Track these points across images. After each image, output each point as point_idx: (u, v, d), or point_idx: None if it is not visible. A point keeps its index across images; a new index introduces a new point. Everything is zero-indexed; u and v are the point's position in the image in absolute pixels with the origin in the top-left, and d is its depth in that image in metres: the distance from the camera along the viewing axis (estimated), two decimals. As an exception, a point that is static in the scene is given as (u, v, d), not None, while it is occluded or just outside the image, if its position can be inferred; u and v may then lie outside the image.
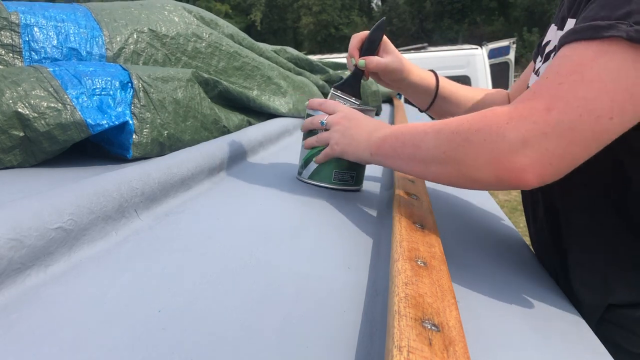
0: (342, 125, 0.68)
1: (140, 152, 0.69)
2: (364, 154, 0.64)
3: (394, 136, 0.60)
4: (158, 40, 0.89)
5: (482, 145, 0.47)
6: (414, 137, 0.56)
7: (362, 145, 0.64)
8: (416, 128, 0.57)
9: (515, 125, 0.45)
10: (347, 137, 0.66)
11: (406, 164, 0.57)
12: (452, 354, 0.30)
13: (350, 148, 0.66)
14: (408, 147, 0.56)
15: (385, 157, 0.60)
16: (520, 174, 0.45)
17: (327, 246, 0.53)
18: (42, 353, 0.31)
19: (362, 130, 0.66)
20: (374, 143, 0.63)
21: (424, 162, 0.54)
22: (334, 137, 0.68)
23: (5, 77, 0.63)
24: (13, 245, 0.37)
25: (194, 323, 0.36)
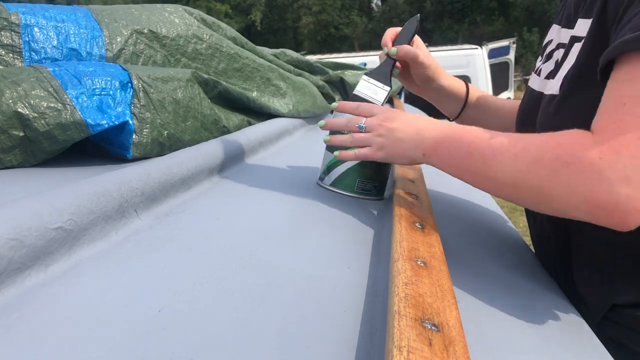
0: (385, 127, 0.62)
1: (140, 152, 0.69)
2: (415, 154, 0.59)
3: (453, 141, 0.55)
4: (158, 42, 0.89)
5: (575, 183, 0.44)
6: (484, 154, 0.51)
7: (412, 144, 0.59)
8: (482, 140, 0.52)
9: (611, 161, 0.42)
10: (392, 139, 0.61)
11: (470, 176, 0.54)
12: (452, 354, 0.30)
13: (397, 151, 0.60)
14: (475, 162, 0.52)
15: (442, 161, 0.56)
16: (623, 215, 0.42)
17: (327, 246, 0.53)
18: (42, 353, 0.31)
19: (408, 129, 0.61)
20: (427, 143, 0.58)
21: (495, 181, 0.51)
22: (376, 141, 0.62)
23: (5, 77, 0.63)
24: (13, 245, 0.37)
25: (194, 323, 0.36)
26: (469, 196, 0.86)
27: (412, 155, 0.60)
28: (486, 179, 0.52)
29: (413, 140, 0.60)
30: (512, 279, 0.54)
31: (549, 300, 0.51)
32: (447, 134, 0.57)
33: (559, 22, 0.69)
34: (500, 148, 0.50)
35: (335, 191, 0.73)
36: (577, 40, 0.57)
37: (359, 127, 0.65)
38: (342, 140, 0.66)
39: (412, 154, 0.60)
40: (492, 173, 0.51)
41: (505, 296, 0.49)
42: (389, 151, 0.61)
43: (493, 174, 0.50)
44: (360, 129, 0.64)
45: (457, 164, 0.55)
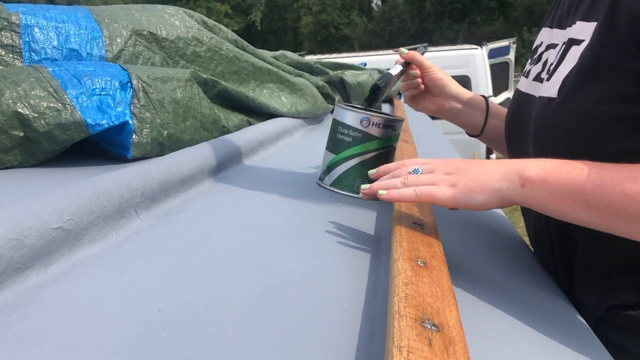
0: (453, 165, 0.52)
1: (140, 152, 0.69)
2: (506, 185, 0.46)
3: (570, 166, 0.44)
4: (157, 44, 0.89)
5: None
6: (622, 187, 0.41)
7: (498, 173, 0.47)
8: (614, 173, 0.42)
9: None
10: (467, 173, 0.49)
11: (586, 215, 0.43)
12: (452, 354, 0.30)
13: (477, 184, 0.48)
14: (610, 196, 0.41)
15: (548, 193, 0.44)
16: None
17: (327, 246, 0.53)
18: (42, 353, 0.31)
19: (484, 163, 0.51)
20: (526, 169, 0.46)
21: (626, 220, 0.41)
22: (443, 178, 0.50)
23: (5, 77, 0.63)
24: (13, 245, 0.37)
25: (194, 323, 0.36)
26: (469, 196, 0.86)
27: (500, 188, 0.46)
28: (620, 220, 0.42)
29: (499, 169, 0.48)
30: (512, 279, 0.54)
31: (549, 300, 0.51)
32: (551, 159, 0.46)
33: (549, 24, 0.68)
34: (623, 188, 0.41)
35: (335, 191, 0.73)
36: (576, 43, 0.55)
37: (413, 172, 0.53)
38: (391, 184, 0.53)
39: (500, 186, 0.47)
40: (624, 215, 0.41)
41: (505, 296, 0.49)
42: (464, 187, 0.48)
43: (628, 217, 0.41)
44: (415, 173, 0.53)
45: (582, 197, 0.42)
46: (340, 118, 0.72)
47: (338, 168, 0.72)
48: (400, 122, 0.73)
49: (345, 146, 0.71)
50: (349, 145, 0.71)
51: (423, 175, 0.52)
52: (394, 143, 0.73)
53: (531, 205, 0.46)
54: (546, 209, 0.45)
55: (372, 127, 0.70)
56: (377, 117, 0.70)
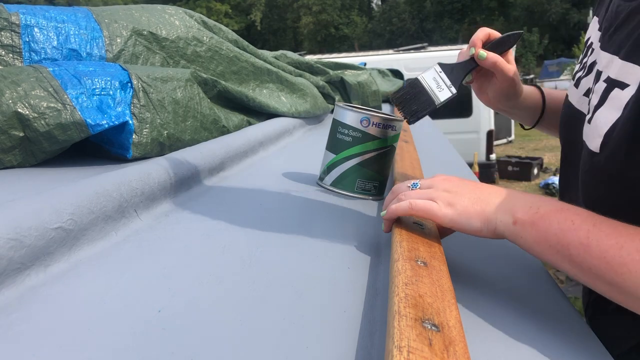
0: (452, 182, 0.50)
1: (140, 152, 0.69)
2: (501, 218, 0.45)
3: (570, 212, 0.43)
4: (157, 44, 0.89)
5: None
6: (605, 254, 0.39)
7: (495, 205, 0.46)
8: (603, 236, 0.40)
9: None
10: (464, 195, 0.48)
11: (569, 268, 0.42)
12: (452, 354, 0.30)
13: (473, 209, 0.47)
14: (593, 259, 0.40)
15: (536, 238, 0.43)
16: None
17: (327, 246, 0.53)
18: (42, 353, 0.31)
19: (485, 187, 0.49)
20: (514, 209, 0.45)
21: (622, 293, 0.39)
22: (441, 195, 0.49)
23: (5, 77, 0.63)
24: (13, 245, 0.37)
25: (194, 323, 0.36)
26: (469, 196, 0.86)
27: (495, 220, 0.45)
28: (614, 287, 0.39)
29: (496, 201, 0.47)
30: (512, 279, 0.54)
31: (549, 300, 0.51)
32: (553, 210, 0.43)
33: (600, 19, 0.60)
34: (628, 252, 0.38)
35: (335, 191, 0.73)
36: (618, 85, 0.49)
37: (411, 186, 0.53)
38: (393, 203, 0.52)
39: (494, 217, 0.45)
40: (622, 282, 0.39)
41: (505, 296, 0.49)
42: (462, 209, 0.47)
43: (623, 286, 0.39)
44: (414, 187, 0.52)
45: (566, 252, 0.41)
46: (340, 118, 0.72)
47: (338, 168, 0.72)
48: (400, 122, 0.73)
49: (345, 146, 0.71)
50: (349, 145, 0.71)
51: (420, 191, 0.51)
52: (394, 143, 0.73)
53: (520, 245, 0.45)
54: (533, 252, 0.44)
55: (372, 127, 0.70)
56: (377, 117, 0.70)
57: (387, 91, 2.15)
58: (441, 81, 0.67)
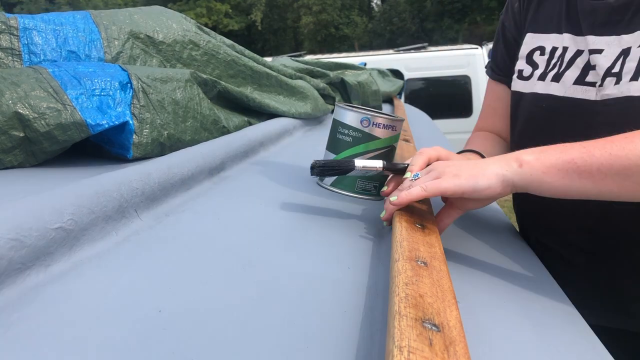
0: (450, 161, 0.56)
1: (140, 152, 0.69)
2: (505, 168, 0.50)
3: (558, 148, 0.49)
4: (154, 47, 0.89)
5: None
6: (592, 158, 0.46)
7: (496, 161, 0.51)
8: (596, 142, 0.48)
9: None
10: (467, 165, 0.53)
11: (579, 183, 0.47)
12: (452, 354, 0.30)
13: (478, 171, 0.51)
14: (599, 158, 0.46)
15: (544, 169, 0.48)
16: None
17: (327, 246, 0.53)
18: (42, 353, 0.31)
19: (484, 159, 0.55)
20: (517, 156, 0.50)
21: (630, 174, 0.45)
22: (445, 170, 0.53)
23: (4, 78, 0.63)
24: (13, 245, 0.37)
25: (194, 323, 0.36)
26: (469, 196, 0.86)
27: (500, 171, 0.50)
28: (623, 176, 0.45)
29: (497, 159, 0.52)
30: (513, 279, 0.54)
31: (549, 300, 0.51)
32: (547, 147, 0.51)
33: (560, 30, 0.70)
34: (626, 136, 0.46)
35: (335, 191, 0.73)
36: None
37: (413, 178, 0.56)
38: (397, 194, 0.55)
39: (499, 170, 0.50)
40: (627, 163, 0.44)
41: (506, 296, 0.49)
42: (467, 174, 0.51)
43: (628, 165, 0.44)
44: (415, 177, 0.56)
45: (573, 165, 0.47)
46: (341, 118, 0.72)
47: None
48: (401, 122, 0.73)
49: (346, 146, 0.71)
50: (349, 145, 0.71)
51: (425, 175, 0.55)
52: (395, 143, 0.73)
53: (530, 184, 0.49)
54: (545, 185, 0.49)
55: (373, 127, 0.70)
56: (377, 117, 0.70)
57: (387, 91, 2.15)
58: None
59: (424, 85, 5.31)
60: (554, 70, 0.71)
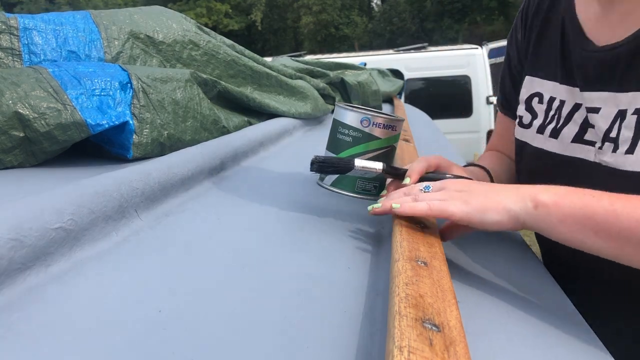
0: (465, 182, 0.52)
1: (140, 152, 0.69)
2: (519, 206, 0.46)
3: (584, 193, 0.45)
4: (154, 47, 0.89)
5: None
6: (616, 220, 0.42)
7: (511, 194, 0.47)
8: (626, 200, 0.43)
9: None
10: (478, 191, 0.50)
11: (594, 241, 0.43)
12: (452, 354, 0.30)
13: (490, 203, 0.47)
14: (622, 222, 0.42)
15: (561, 217, 0.44)
16: None
17: (327, 246, 0.53)
18: (42, 353, 0.31)
19: (496, 185, 0.51)
20: (534, 195, 0.46)
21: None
22: (455, 195, 0.50)
23: (4, 78, 0.63)
24: (13, 245, 0.37)
25: (195, 323, 0.36)
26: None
27: (513, 207, 0.46)
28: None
29: (512, 191, 0.48)
30: (513, 279, 0.54)
31: (550, 300, 0.51)
32: (561, 187, 0.46)
33: (557, 79, 0.66)
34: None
35: (335, 191, 0.73)
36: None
37: (424, 189, 0.53)
38: (404, 199, 0.53)
39: (514, 206, 0.46)
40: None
41: (506, 296, 0.49)
42: (478, 204, 0.48)
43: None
44: (426, 190, 0.53)
45: (592, 222, 0.43)
46: (341, 118, 0.72)
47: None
48: (401, 122, 0.73)
49: (346, 146, 0.71)
50: (349, 145, 0.71)
51: (435, 192, 0.52)
52: (395, 143, 0.73)
53: (542, 229, 0.46)
54: (556, 233, 0.45)
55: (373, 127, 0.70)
56: (377, 117, 0.70)
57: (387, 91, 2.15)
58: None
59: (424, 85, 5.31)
60: (552, 124, 0.67)
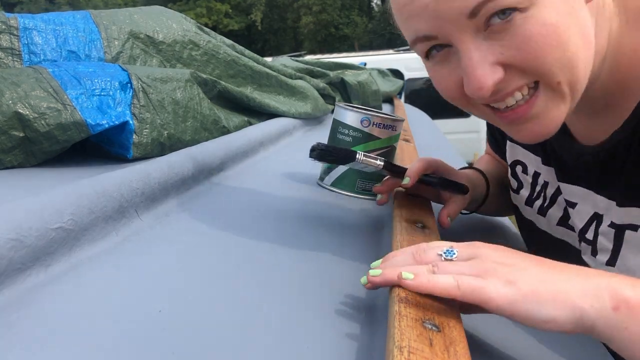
0: (506, 253, 0.37)
1: (140, 152, 0.69)
2: (592, 302, 0.32)
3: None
4: (154, 47, 0.89)
5: None
6: None
7: (577, 285, 0.33)
8: None
9: None
10: (531, 271, 0.35)
11: None
12: (452, 354, 0.30)
13: (548, 289, 0.33)
14: None
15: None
16: None
17: (327, 246, 0.53)
18: (42, 353, 0.31)
19: (557, 267, 0.36)
20: (614, 289, 0.33)
21: None
22: (495, 271, 0.35)
23: (4, 78, 0.63)
24: (13, 245, 0.37)
25: (194, 323, 0.36)
26: (469, 196, 0.86)
27: (583, 305, 0.32)
28: None
29: (579, 278, 0.34)
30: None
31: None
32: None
33: (542, 160, 0.61)
34: None
35: (335, 191, 0.73)
36: (631, 228, 0.48)
37: (445, 254, 0.39)
38: (415, 270, 0.37)
39: (583, 303, 0.32)
40: None
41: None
42: (529, 290, 0.34)
43: None
44: (448, 256, 0.38)
45: None
46: (341, 118, 0.72)
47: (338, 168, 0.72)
48: (401, 122, 0.73)
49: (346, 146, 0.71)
50: (349, 145, 0.71)
51: (462, 262, 0.37)
52: (395, 143, 0.73)
53: (617, 340, 0.32)
54: (635, 348, 0.32)
55: (373, 127, 0.70)
56: (377, 117, 0.70)
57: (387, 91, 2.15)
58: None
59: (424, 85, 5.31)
60: (539, 201, 0.64)
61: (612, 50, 0.48)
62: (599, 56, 0.48)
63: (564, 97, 0.45)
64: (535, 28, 0.41)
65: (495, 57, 0.43)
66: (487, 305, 0.34)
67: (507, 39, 0.42)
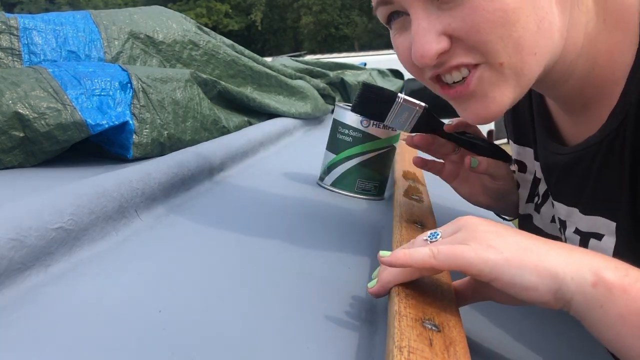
0: (489, 223, 0.37)
1: (140, 152, 0.69)
2: (573, 275, 0.32)
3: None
4: (154, 47, 0.89)
5: None
6: None
7: (562, 257, 0.33)
8: None
9: None
10: (516, 239, 0.35)
11: None
12: (452, 354, 0.30)
13: (530, 256, 0.33)
14: None
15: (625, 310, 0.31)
16: None
17: (327, 246, 0.53)
18: (42, 353, 0.31)
19: (543, 240, 0.36)
20: (596, 267, 0.32)
21: None
22: (477, 237, 0.35)
23: (4, 78, 0.63)
24: (13, 245, 0.37)
25: (194, 323, 0.36)
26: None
27: (564, 276, 0.32)
28: None
29: (564, 252, 0.34)
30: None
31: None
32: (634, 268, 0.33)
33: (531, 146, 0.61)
34: None
35: (335, 191, 0.73)
36: (593, 236, 0.48)
37: (430, 238, 0.38)
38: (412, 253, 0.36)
39: (564, 273, 0.32)
40: None
41: (506, 296, 0.49)
42: (510, 255, 0.33)
43: None
44: (433, 238, 0.38)
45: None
46: (341, 118, 0.72)
47: (338, 168, 0.72)
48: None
49: (346, 146, 0.71)
50: (349, 145, 0.71)
51: (450, 238, 0.37)
52: (394, 143, 0.73)
53: (591, 317, 0.32)
54: (604, 327, 0.32)
55: (373, 127, 0.70)
56: None
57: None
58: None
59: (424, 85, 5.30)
60: (535, 198, 0.63)
61: (587, 48, 0.47)
62: (573, 51, 0.47)
63: (507, 79, 0.45)
64: (484, 3, 0.41)
65: (443, 26, 0.43)
66: (468, 271, 0.34)
67: (456, 11, 0.42)
